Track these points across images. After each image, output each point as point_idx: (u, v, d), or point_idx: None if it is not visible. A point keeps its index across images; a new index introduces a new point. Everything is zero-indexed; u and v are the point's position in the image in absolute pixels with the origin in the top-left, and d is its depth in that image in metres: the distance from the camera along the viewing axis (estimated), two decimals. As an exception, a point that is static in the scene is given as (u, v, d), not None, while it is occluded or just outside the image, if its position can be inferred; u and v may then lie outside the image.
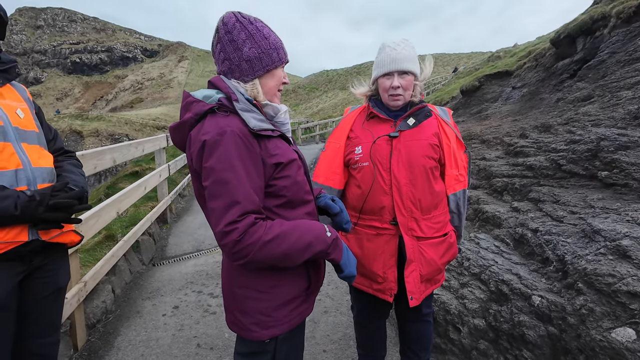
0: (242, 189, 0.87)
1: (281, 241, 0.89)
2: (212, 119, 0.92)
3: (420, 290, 1.38)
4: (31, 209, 1.00)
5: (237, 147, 0.88)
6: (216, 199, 0.88)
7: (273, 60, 1.00)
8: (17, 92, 1.18)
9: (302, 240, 0.92)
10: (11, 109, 1.09)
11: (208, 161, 0.87)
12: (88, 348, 2.14)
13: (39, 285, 1.16)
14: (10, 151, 1.04)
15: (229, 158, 0.87)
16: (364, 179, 1.39)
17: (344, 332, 2.34)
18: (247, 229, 0.86)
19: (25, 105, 1.18)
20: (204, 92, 0.99)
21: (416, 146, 1.36)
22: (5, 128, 1.04)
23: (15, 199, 0.97)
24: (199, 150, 0.89)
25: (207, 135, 0.88)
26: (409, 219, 1.36)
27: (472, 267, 2.18)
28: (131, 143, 3.20)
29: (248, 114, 0.94)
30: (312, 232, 0.95)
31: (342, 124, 1.53)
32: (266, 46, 0.98)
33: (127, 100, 71.34)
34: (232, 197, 0.86)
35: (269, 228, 0.89)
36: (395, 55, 1.33)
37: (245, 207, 0.87)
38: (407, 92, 1.37)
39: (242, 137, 0.89)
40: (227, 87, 0.97)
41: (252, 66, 0.98)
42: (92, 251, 2.91)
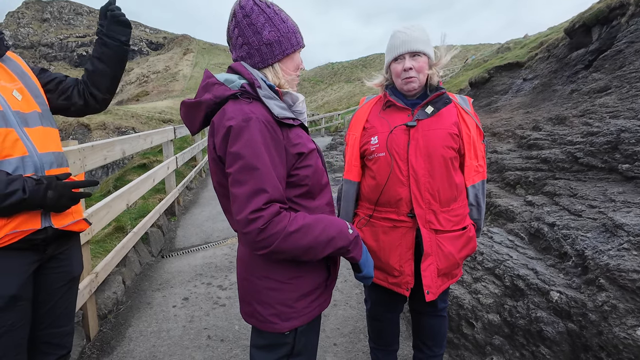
0: (268, 176, 0.85)
1: (305, 233, 0.87)
2: (236, 104, 0.89)
3: (437, 285, 1.34)
4: (40, 192, 0.98)
5: (262, 134, 0.86)
6: (241, 185, 0.85)
7: (292, 44, 0.98)
8: (9, 71, 1.12)
9: (326, 234, 0.90)
10: (7, 91, 1.05)
11: (233, 147, 0.85)
12: (100, 338, 2.16)
13: (54, 275, 1.15)
14: (14, 137, 1.01)
15: (255, 144, 0.85)
16: (380, 170, 1.35)
17: (354, 325, 2.32)
18: (272, 217, 0.84)
19: (20, 84, 1.12)
20: (225, 75, 0.96)
21: (435, 136, 1.31)
22: (5, 113, 1.00)
23: (22, 182, 0.95)
24: (224, 135, 0.87)
25: (232, 120, 0.86)
26: (427, 212, 1.32)
27: (486, 262, 2.14)
28: (140, 135, 3.19)
29: (271, 101, 0.92)
30: (335, 226, 0.93)
31: (358, 114, 1.48)
32: (285, 29, 0.96)
33: (133, 93, 71.63)
34: (258, 184, 0.84)
35: (293, 219, 0.88)
36: (405, 37, 1.29)
37: (272, 195, 0.85)
38: (422, 75, 1.32)
39: (267, 125, 0.87)
40: (250, 74, 0.94)
41: (272, 50, 0.96)
42: (102, 242, 2.92)
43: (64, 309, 1.21)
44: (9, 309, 0.97)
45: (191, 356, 2.02)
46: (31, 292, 1.07)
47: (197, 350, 2.07)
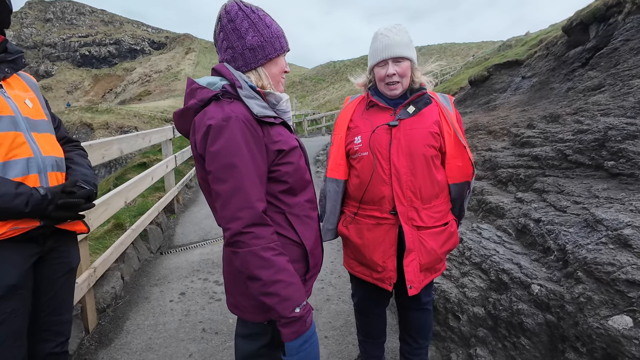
0: (248, 174, 0.89)
1: (266, 268, 0.87)
2: (217, 105, 0.93)
3: (420, 280, 1.39)
4: (42, 207, 1.05)
5: (242, 132, 0.90)
6: (223, 182, 0.89)
7: (275, 48, 1.01)
8: (24, 82, 1.21)
9: (277, 287, 0.87)
10: (20, 99, 1.13)
11: (213, 145, 0.89)
12: (99, 331, 2.23)
13: (54, 266, 1.22)
14: (22, 140, 1.08)
15: (235, 142, 0.88)
16: (364, 168, 1.39)
17: (346, 319, 2.38)
18: (252, 222, 0.87)
19: (33, 94, 1.21)
20: (207, 79, 1.01)
21: (416, 135, 1.35)
22: (16, 118, 1.08)
23: (28, 196, 1.02)
24: (204, 134, 0.90)
25: (212, 120, 0.90)
26: (409, 209, 1.36)
27: (474, 257, 2.19)
28: (138, 134, 3.25)
29: (252, 100, 0.96)
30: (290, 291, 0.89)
31: (343, 114, 1.53)
32: (268, 35, 1.00)
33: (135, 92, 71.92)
34: (237, 183, 0.88)
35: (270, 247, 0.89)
36: (387, 42, 1.32)
37: (250, 195, 0.89)
38: (405, 79, 1.36)
39: (247, 123, 0.91)
40: (231, 74, 0.98)
41: (256, 54, 1.00)
42: (101, 239, 2.99)
43: (63, 298, 1.28)
44: (9, 297, 1.04)
45: (186, 348, 2.08)
46: (31, 282, 1.14)
47: (192, 343, 2.13)
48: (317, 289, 2.75)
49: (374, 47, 1.36)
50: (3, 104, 1.06)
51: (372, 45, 1.38)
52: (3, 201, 0.97)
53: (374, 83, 1.45)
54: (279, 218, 1.02)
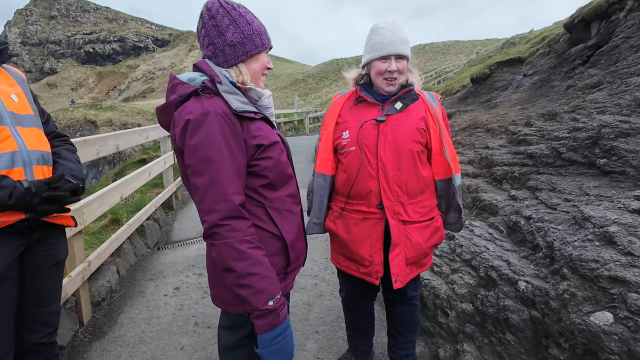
0: (225, 168, 0.91)
1: (240, 260, 0.89)
2: (196, 100, 0.95)
3: (405, 273, 1.40)
4: (26, 200, 1.06)
5: (220, 126, 0.91)
6: (199, 176, 0.91)
7: (256, 45, 1.02)
8: (10, 76, 1.23)
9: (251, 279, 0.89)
10: (5, 94, 1.14)
11: (191, 139, 0.91)
12: (93, 324, 2.26)
13: (41, 258, 1.24)
14: (6, 134, 1.10)
15: (212, 137, 0.90)
16: (351, 163, 1.40)
17: (337, 314, 2.40)
18: (228, 214, 0.89)
19: (20, 89, 1.22)
20: (188, 74, 1.03)
21: (403, 130, 1.36)
22: (1, 112, 1.10)
23: (11, 189, 1.03)
24: (182, 129, 0.92)
25: (190, 114, 0.92)
26: (395, 203, 1.37)
27: (464, 254, 2.20)
28: (135, 130, 3.28)
29: (231, 96, 0.98)
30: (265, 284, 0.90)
31: (331, 109, 1.54)
32: (249, 32, 1.01)
33: (139, 90, 72.20)
34: (214, 176, 0.90)
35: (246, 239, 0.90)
36: (392, 38, 1.31)
37: (227, 188, 0.90)
38: (402, 77, 1.38)
39: (225, 118, 0.93)
40: (211, 70, 1.00)
41: (236, 51, 1.01)
42: (97, 234, 3.03)
43: (50, 289, 1.30)
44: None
45: (178, 341, 2.11)
46: (17, 273, 1.16)
47: (184, 336, 2.16)
48: (310, 285, 2.77)
49: (377, 40, 1.34)
50: None
51: (374, 38, 1.36)
52: None
53: (367, 78, 1.45)
54: (259, 212, 1.04)
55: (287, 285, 1.15)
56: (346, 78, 1.52)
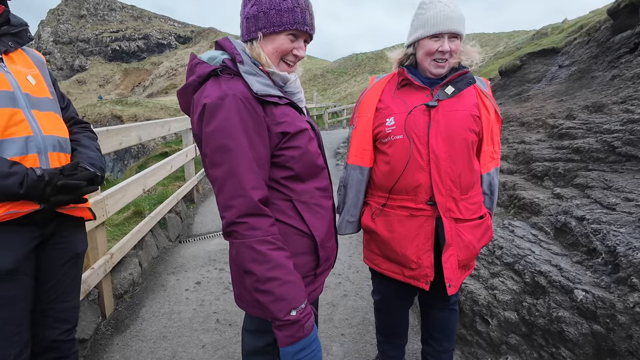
0: (243, 159, 0.82)
1: (260, 262, 0.80)
2: (215, 81, 0.86)
3: (457, 277, 1.26)
4: (38, 189, 0.98)
5: (239, 112, 0.82)
6: (216, 167, 0.83)
7: (272, 23, 0.88)
8: (29, 58, 1.16)
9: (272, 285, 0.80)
10: (21, 75, 1.07)
11: (208, 126, 0.83)
12: (115, 317, 2.24)
13: (56, 251, 1.17)
14: (20, 118, 1.02)
15: (230, 123, 0.81)
16: (397, 154, 1.25)
17: (363, 316, 2.27)
18: (246, 211, 0.81)
19: (37, 71, 1.15)
20: (209, 53, 0.93)
21: (457, 117, 1.21)
22: (15, 94, 1.02)
23: (22, 176, 0.95)
24: (200, 114, 0.84)
25: (208, 98, 0.83)
26: (448, 199, 1.22)
27: (505, 257, 2.01)
28: (157, 122, 3.25)
29: (252, 77, 0.87)
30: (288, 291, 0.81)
31: (370, 94, 1.38)
32: (268, 5, 0.88)
33: (162, 86, 74.12)
34: (232, 168, 0.81)
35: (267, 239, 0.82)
36: (449, 13, 1.15)
37: (244, 182, 0.81)
38: (453, 59, 1.22)
39: (245, 102, 0.83)
40: (233, 48, 0.90)
41: (249, 25, 0.91)
42: (120, 226, 3.03)
43: (68, 284, 1.23)
44: (7, 282, 0.99)
45: (199, 338, 2.05)
46: (32, 268, 1.09)
47: (205, 333, 2.10)
48: (334, 284, 2.65)
49: (430, 15, 1.18)
50: (1, 79, 1.00)
51: (426, 12, 1.19)
52: None
53: (413, 59, 1.29)
54: (285, 206, 0.93)
55: (317, 289, 1.04)
56: (389, 58, 1.36)
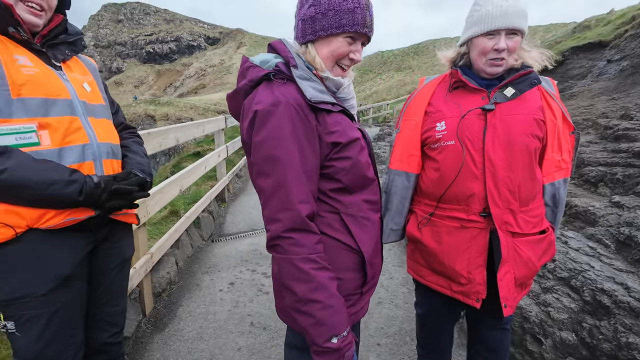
0: (293, 170, 0.78)
1: (303, 281, 0.77)
2: (267, 86, 0.82)
3: (514, 297, 1.16)
4: (95, 196, 1.01)
5: (291, 120, 0.78)
6: (264, 177, 0.80)
7: (330, 25, 0.83)
8: (84, 65, 1.19)
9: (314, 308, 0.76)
10: (78, 82, 1.10)
11: (258, 134, 0.79)
12: (155, 315, 2.30)
13: (107, 256, 1.20)
14: (78, 125, 1.05)
15: (281, 132, 0.77)
16: (447, 160, 1.17)
17: (400, 326, 2.19)
18: (292, 226, 0.78)
19: (92, 78, 1.18)
20: (262, 56, 0.89)
21: (517, 122, 1.10)
22: (73, 102, 1.05)
23: (81, 184, 0.98)
24: (250, 121, 0.81)
25: (259, 105, 0.79)
26: (505, 211, 1.12)
27: (559, 270, 1.85)
28: (193, 123, 3.32)
29: (306, 82, 0.83)
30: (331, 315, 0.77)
31: (419, 97, 1.30)
32: (326, 7, 0.83)
33: (192, 86, 76.72)
34: (280, 179, 0.78)
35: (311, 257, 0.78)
36: (507, 8, 1.05)
37: (293, 194, 0.78)
38: (511, 57, 1.11)
39: (298, 109, 0.79)
40: (287, 51, 0.86)
41: (305, 27, 0.87)
42: (158, 225, 3.12)
43: (117, 288, 1.26)
44: (64, 287, 1.02)
45: (235, 341, 2.06)
46: (86, 273, 1.12)
47: (241, 336, 2.10)
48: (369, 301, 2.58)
49: (485, 12, 1.09)
50: (61, 87, 1.03)
51: (482, 8, 1.10)
52: (56, 188, 0.93)
53: (467, 58, 1.21)
54: (332, 218, 0.88)
55: (361, 309, 0.98)
56: (440, 59, 1.28)
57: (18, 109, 0.92)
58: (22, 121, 0.92)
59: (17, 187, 0.88)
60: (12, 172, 0.87)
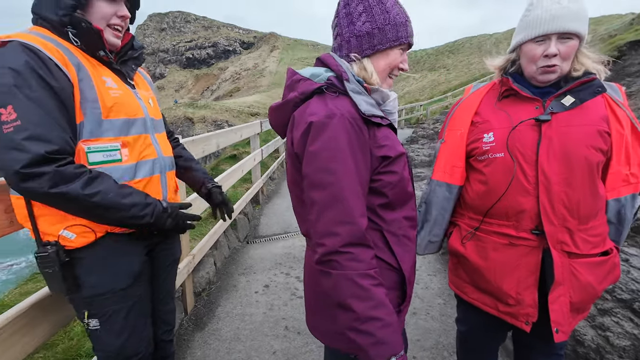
0: (349, 183, 0.77)
1: (363, 299, 0.75)
2: (320, 99, 0.83)
3: (568, 322, 1.08)
4: (162, 219, 1.09)
5: (347, 132, 0.78)
6: (318, 189, 0.79)
7: (388, 38, 0.87)
8: (144, 80, 1.28)
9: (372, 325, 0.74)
10: (146, 99, 1.19)
11: (313, 145, 0.79)
12: (195, 313, 2.41)
13: (163, 256, 1.30)
14: (149, 142, 1.14)
15: (336, 144, 0.77)
16: (495, 173, 1.11)
17: (437, 340, 2.12)
18: (351, 240, 0.76)
19: (152, 93, 1.27)
20: (311, 69, 0.91)
21: (577, 133, 1.03)
22: (146, 120, 1.14)
23: (154, 207, 1.06)
24: (304, 132, 0.81)
25: (314, 116, 0.80)
26: (560, 229, 1.05)
27: (619, 291, 1.70)
28: (232, 129, 3.45)
29: (359, 96, 0.84)
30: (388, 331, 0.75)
31: (464, 106, 1.25)
32: (382, 21, 0.85)
33: (227, 89, 79.68)
34: (337, 191, 0.77)
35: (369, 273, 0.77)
36: (558, 11, 0.98)
37: (351, 208, 0.77)
38: (566, 63, 1.03)
39: (353, 122, 0.79)
40: (338, 65, 0.87)
41: (361, 43, 0.87)
42: (199, 226, 3.26)
43: (168, 287, 1.36)
44: (137, 283, 1.12)
45: (270, 344, 2.10)
46: (149, 270, 1.22)
47: (276, 339, 2.14)
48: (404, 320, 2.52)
49: (533, 16, 1.03)
50: (137, 107, 1.11)
51: (531, 13, 1.04)
52: (136, 210, 1.00)
53: (517, 65, 1.15)
54: (375, 236, 0.88)
55: (399, 324, 0.96)
56: (490, 67, 1.22)
57: (106, 129, 1.01)
58: (109, 140, 1.02)
59: (107, 208, 0.95)
60: (104, 194, 0.95)
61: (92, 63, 1.03)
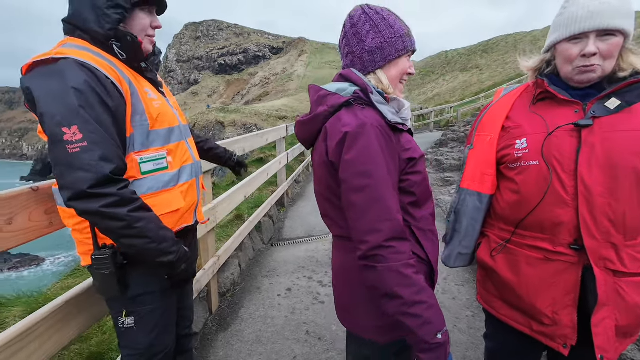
0: (385, 184, 0.86)
1: (406, 285, 0.83)
2: (350, 111, 0.91)
3: (615, 347, 0.98)
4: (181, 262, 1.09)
5: (378, 140, 0.87)
6: (358, 192, 0.86)
7: (397, 49, 0.96)
8: (167, 87, 1.32)
9: (419, 308, 0.82)
10: (176, 106, 1.24)
11: (349, 153, 0.87)
12: (219, 313, 2.47)
13: None
14: (185, 148, 1.19)
15: (372, 151, 0.86)
16: (529, 183, 1.04)
17: (464, 354, 2.02)
18: (393, 235, 0.84)
19: (175, 99, 1.32)
20: (336, 85, 0.99)
21: (622, 140, 0.94)
22: (180, 127, 1.19)
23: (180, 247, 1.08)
24: (339, 142, 0.88)
25: (348, 127, 0.88)
26: (604, 244, 0.96)
27: (673, 313, 1.52)
28: (257, 134, 3.53)
29: (384, 106, 0.93)
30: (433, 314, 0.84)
31: (494, 110, 1.18)
32: (389, 35, 0.95)
33: (256, 94, 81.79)
34: (376, 192, 0.85)
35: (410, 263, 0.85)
36: (596, 7, 0.91)
37: (390, 206, 0.85)
38: (608, 62, 0.95)
39: (382, 130, 0.89)
40: (362, 80, 0.95)
41: (374, 57, 0.97)
42: (225, 228, 3.36)
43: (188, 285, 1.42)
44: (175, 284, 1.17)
45: (291, 348, 2.10)
46: None
47: (297, 344, 2.14)
48: None
49: (569, 14, 0.96)
50: (173, 115, 1.16)
51: (567, 10, 0.98)
52: (166, 245, 1.02)
53: (552, 66, 1.07)
54: None
55: None
56: (523, 68, 1.15)
57: (154, 139, 1.07)
58: (157, 150, 1.08)
59: (143, 236, 0.97)
60: (148, 222, 0.98)
61: (133, 75, 1.07)
